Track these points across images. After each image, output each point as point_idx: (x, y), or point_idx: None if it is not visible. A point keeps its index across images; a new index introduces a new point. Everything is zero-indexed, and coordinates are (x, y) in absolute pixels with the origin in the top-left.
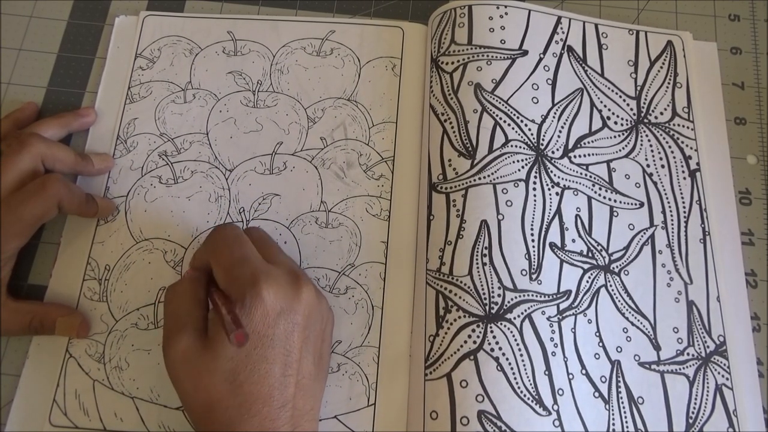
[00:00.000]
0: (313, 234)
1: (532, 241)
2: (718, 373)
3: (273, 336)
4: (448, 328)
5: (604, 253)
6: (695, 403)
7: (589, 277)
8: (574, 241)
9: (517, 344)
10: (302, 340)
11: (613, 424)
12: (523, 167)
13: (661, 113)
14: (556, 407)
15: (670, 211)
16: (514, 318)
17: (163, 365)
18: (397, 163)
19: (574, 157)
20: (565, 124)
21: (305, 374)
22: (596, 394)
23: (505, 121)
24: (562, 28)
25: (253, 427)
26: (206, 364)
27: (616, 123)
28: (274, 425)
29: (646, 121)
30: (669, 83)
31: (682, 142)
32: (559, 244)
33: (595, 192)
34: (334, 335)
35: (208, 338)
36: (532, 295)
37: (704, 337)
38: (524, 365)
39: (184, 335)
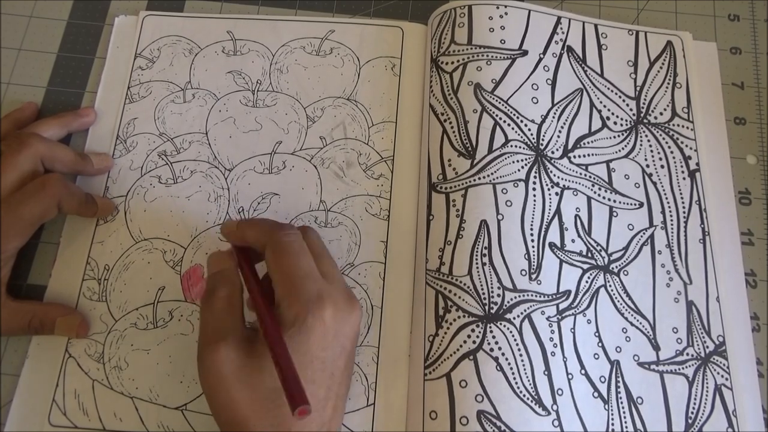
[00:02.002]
0: None
1: (532, 241)
2: (718, 373)
3: (324, 359)
4: (448, 328)
5: (603, 253)
6: (694, 403)
7: (589, 277)
8: (573, 241)
9: (517, 344)
10: (345, 363)
11: (613, 424)
12: (522, 167)
13: (661, 113)
14: (555, 407)
15: (670, 211)
16: (514, 318)
17: (162, 365)
18: (397, 163)
19: (574, 157)
20: (564, 124)
21: (341, 395)
22: (595, 394)
23: (504, 121)
24: (561, 29)
25: None
26: (248, 378)
27: (615, 123)
28: None
29: (645, 121)
30: (668, 83)
31: (682, 143)
32: (559, 244)
33: (595, 192)
34: None
35: (253, 352)
36: (532, 295)
37: (704, 337)
38: (523, 365)
39: (224, 346)
